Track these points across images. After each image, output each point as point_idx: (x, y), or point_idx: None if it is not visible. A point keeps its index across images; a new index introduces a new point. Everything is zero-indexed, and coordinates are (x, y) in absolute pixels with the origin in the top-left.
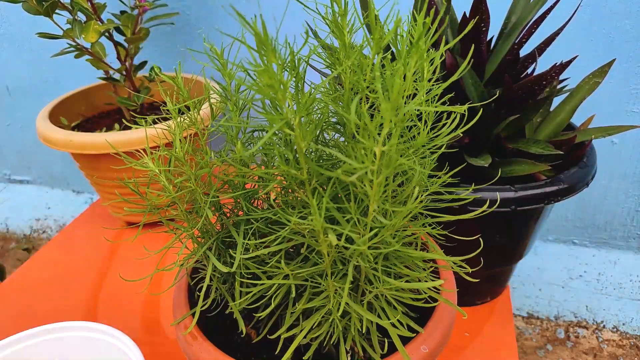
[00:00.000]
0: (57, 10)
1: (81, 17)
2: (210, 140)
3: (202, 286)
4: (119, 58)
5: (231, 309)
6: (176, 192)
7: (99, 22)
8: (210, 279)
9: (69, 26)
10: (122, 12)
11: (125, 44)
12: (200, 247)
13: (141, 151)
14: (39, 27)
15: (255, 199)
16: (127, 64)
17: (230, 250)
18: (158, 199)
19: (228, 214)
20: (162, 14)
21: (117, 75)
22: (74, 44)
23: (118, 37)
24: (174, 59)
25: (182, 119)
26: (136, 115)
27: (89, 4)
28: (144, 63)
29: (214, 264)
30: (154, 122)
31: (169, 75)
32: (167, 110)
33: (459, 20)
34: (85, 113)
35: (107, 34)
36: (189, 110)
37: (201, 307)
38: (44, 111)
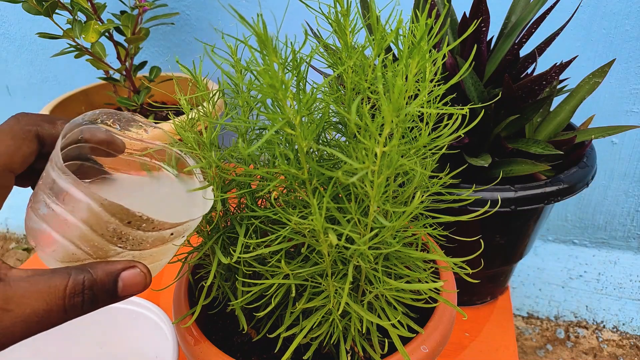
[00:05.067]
0: (57, 10)
1: (81, 17)
2: (222, 134)
3: (202, 284)
4: (119, 58)
5: (231, 308)
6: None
7: (99, 22)
8: (213, 276)
9: (69, 26)
10: (122, 12)
11: (125, 44)
12: (208, 240)
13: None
14: (39, 27)
15: (259, 197)
16: (127, 64)
17: (232, 247)
18: None
19: (233, 212)
20: (162, 14)
21: (117, 75)
22: (74, 44)
23: (118, 37)
24: (174, 58)
25: (197, 111)
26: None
27: (89, 4)
28: (144, 63)
29: (218, 256)
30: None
31: (185, 68)
32: (167, 109)
33: (458, 21)
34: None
35: (107, 34)
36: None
37: (202, 304)
38: (44, 111)
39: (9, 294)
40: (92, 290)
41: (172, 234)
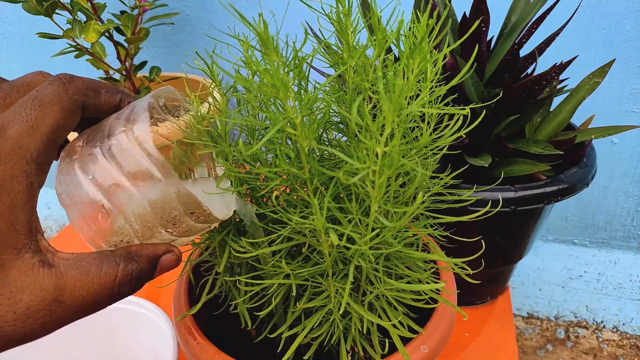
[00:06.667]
0: (57, 10)
1: (81, 17)
2: (231, 130)
3: (202, 283)
4: (119, 58)
5: (232, 308)
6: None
7: (99, 22)
8: (216, 273)
9: (69, 26)
10: (122, 12)
11: (125, 44)
12: (216, 234)
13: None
14: (39, 27)
15: (262, 196)
16: (127, 64)
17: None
18: None
19: None
20: (162, 14)
21: (117, 75)
22: (74, 44)
23: (118, 37)
24: (174, 58)
25: (207, 107)
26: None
27: (89, 4)
28: (144, 63)
29: (231, 245)
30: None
31: (206, 60)
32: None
33: (459, 20)
34: None
35: (107, 34)
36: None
37: (204, 301)
38: None
39: (61, 283)
40: (139, 280)
41: (209, 227)
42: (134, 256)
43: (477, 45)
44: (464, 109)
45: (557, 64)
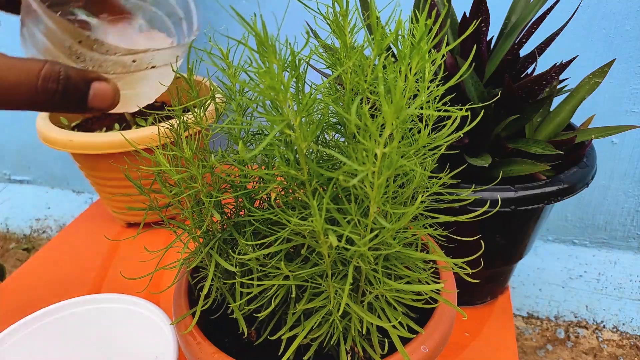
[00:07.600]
0: None
1: None
2: (213, 140)
3: (202, 285)
4: None
5: (230, 311)
6: (182, 191)
7: None
8: (212, 279)
9: None
10: None
11: None
12: (202, 246)
13: (154, 148)
14: None
15: (256, 199)
16: None
17: (230, 250)
18: (164, 198)
19: (229, 214)
20: None
21: None
22: None
23: None
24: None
25: (185, 118)
26: (135, 115)
27: None
28: None
29: (218, 261)
30: (156, 122)
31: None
32: (170, 110)
33: (458, 20)
34: None
35: None
36: (191, 110)
37: (202, 307)
38: (44, 113)
39: None
40: (67, 82)
41: (134, 61)
42: (62, 64)
43: (476, 45)
44: (463, 109)
45: (557, 64)
